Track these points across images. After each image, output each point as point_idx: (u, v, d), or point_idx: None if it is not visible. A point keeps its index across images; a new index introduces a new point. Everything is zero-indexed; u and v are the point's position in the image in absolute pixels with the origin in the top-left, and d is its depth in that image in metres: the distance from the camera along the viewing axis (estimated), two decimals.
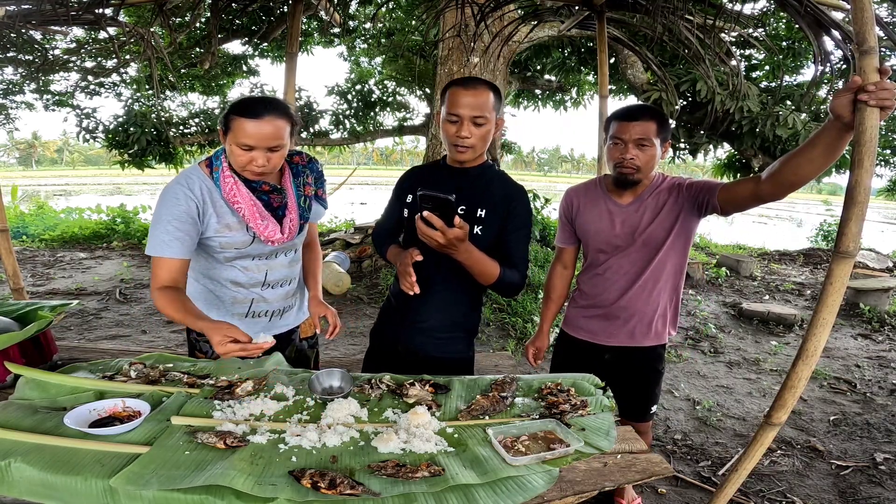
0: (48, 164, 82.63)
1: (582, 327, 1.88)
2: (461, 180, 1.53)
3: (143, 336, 4.19)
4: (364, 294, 5.54)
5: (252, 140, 1.32)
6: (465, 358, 1.65)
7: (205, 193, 1.40)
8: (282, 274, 1.62)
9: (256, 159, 1.36)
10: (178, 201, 1.37)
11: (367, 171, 73.00)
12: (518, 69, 7.99)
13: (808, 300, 6.00)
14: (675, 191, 1.69)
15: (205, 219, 1.41)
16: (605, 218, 1.75)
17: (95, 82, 8.14)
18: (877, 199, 21.07)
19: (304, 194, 1.58)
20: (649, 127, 1.59)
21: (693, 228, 1.73)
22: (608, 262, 1.77)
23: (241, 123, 1.32)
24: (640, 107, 1.66)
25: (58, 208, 10.01)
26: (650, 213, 1.69)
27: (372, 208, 15.95)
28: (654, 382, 1.88)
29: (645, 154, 1.62)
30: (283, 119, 1.36)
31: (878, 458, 2.68)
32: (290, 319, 1.71)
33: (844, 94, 1.14)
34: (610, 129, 1.67)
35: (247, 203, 1.43)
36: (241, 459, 1.03)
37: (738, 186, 1.53)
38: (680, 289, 1.81)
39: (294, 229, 1.55)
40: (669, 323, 1.82)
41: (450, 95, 1.43)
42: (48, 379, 1.32)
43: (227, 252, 1.49)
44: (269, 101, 1.36)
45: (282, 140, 1.36)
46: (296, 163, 1.60)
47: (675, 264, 1.74)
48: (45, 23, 2.57)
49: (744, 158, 5.88)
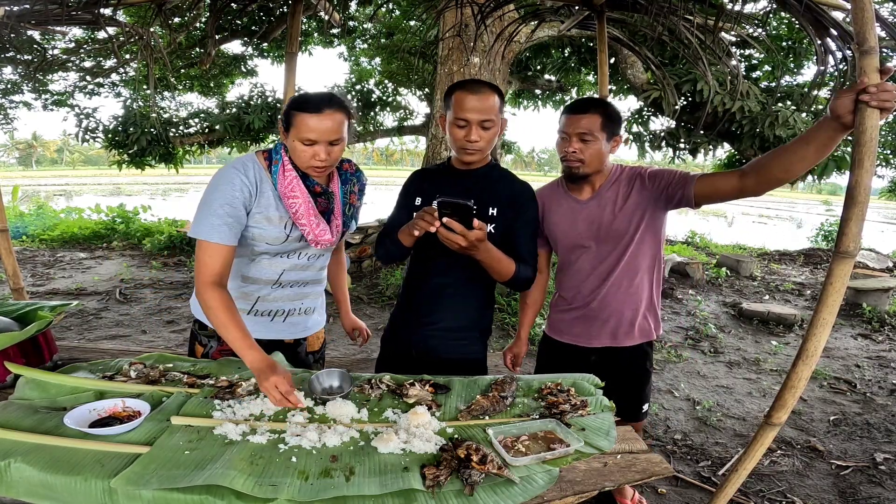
0: (48, 164, 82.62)
1: (564, 330, 1.87)
2: (469, 181, 1.56)
3: (143, 336, 4.19)
4: (364, 294, 5.54)
5: (314, 134, 1.34)
6: (479, 359, 1.66)
7: (257, 181, 1.40)
8: (296, 276, 1.58)
9: (319, 153, 1.37)
10: (233, 186, 1.35)
11: (367, 171, 72.71)
12: (518, 69, 7.99)
13: (808, 300, 6.00)
14: (637, 181, 1.66)
15: (252, 207, 1.40)
16: (568, 216, 1.75)
17: (94, 82, 8.15)
18: (877, 200, 21.13)
19: (349, 202, 1.59)
20: (593, 120, 1.58)
21: (662, 221, 1.71)
22: (577, 261, 1.77)
23: (303, 119, 1.33)
24: (587, 100, 1.65)
25: (58, 208, 10.01)
26: (611, 206, 1.68)
27: (372, 208, 15.94)
28: (644, 382, 1.86)
29: (589, 147, 1.61)
30: (342, 112, 1.37)
31: (878, 458, 2.68)
32: (297, 328, 1.65)
33: (847, 95, 1.14)
34: (559, 123, 1.68)
35: (304, 200, 1.43)
36: (241, 459, 1.03)
37: (718, 180, 1.50)
38: (658, 285, 1.79)
39: (337, 235, 1.55)
40: (653, 320, 1.81)
41: (456, 100, 1.44)
42: (48, 379, 1.32)
43: (256, 245, 1.46)
44: (327, 95, 1.37)
45: (341, 133, 1.38)
46: (345, 170, 1.61)
47: (649, 259, 1.73)
48: (43, 22, 2.56)
49: (744, 158, 5.87)
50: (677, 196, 1.58)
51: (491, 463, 1.05)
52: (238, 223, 1.37)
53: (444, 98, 1.51)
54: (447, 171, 1.62)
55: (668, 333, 4.70)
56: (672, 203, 1.62)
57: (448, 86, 1.54)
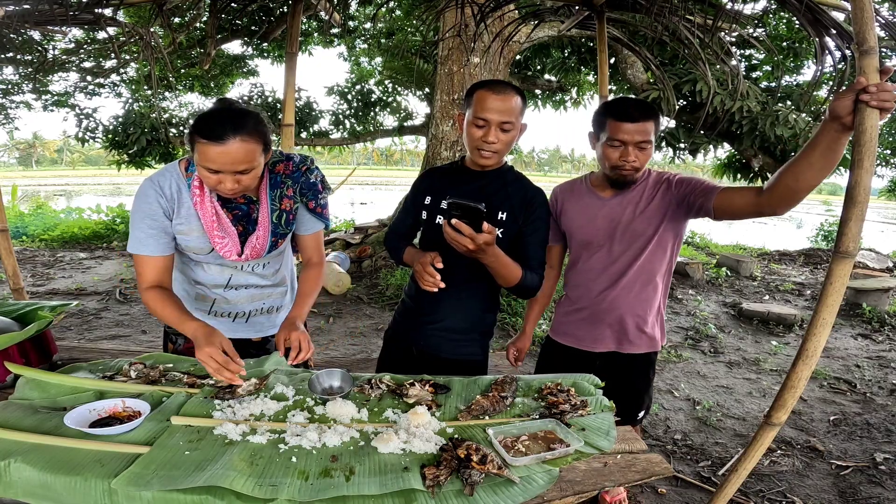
0: (48, 164, 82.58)
1: (567, 332, 1.84)
2: (481, 182, 1.53)
3: (143, 336, 4.19)
4: (364, 294, 5.53)
5: (216, 165, 1.22)
6: (479, 361, 1.66)
7: (174, 193, 1.38)
8: (246, 280, 1.56)
9: (225, 182, 1.26)
10: (147, 200, 1.36)
11: (367, 170, 73.00)
12: (518, 69, 7.99)
13: (808, 300, 6.00)
14: (664, 185, 1.63)
15: (173, 217, 1.39)
16: (587, 212, 1.72)
17: (95, 82, 8.15)
18: (877, 200, 21.07)
19: (279, 208, 1.45)
20: (649, 127, 1.54)
21: (682, 228, 1.68)
22: (590, 259, 1.73)
23: (205, 147, 1.21)
24: (636, 105, 1.56)
25: (58, 208, 10.01)
26: (633, 207, 1.64)
27: (373, 208, 15.95)
28: (644, 389, 1.84)
29: (644, 154, 1.57)
30: (253, 140, 1.24)
31: (878, 458, 2.68)
32: (263, 326, 1.63)
33: (847, 96, 1.13)
34: (606, 127, 1.57)
35: (208, 217, 1.38)
36: (241, 460, 1.03)
37: (737, 195, 1.46)
38: (666, 294, 1.76)
39: (261, 247, 1.46)
40: (659, 329, 1.77)
41: (477, 99, 1.41)
42: (48, 379, 1.32)
43: (188, 252, 1.47)
44: (235, 118, 1.22)
45: (252, 163, 1.26)
46: (277, 172, 1.46)
47: (664, 265, 1.69)
48: (43, 23, 2.56)
49: (744, 158, 5.88)
50: (697, 204, 1.54)
51: (491, 463, 1.05)
52: (164, 232, 1.38)
53: (466, 97, 1.48)
54: (459, 170, 1.59)
55: (669, 333, 4.70)
56: (692, 211, 1.57)
57: (472, 85, 1.51)
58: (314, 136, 8.86)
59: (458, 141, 5.84)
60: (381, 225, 7.25)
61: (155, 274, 1.37)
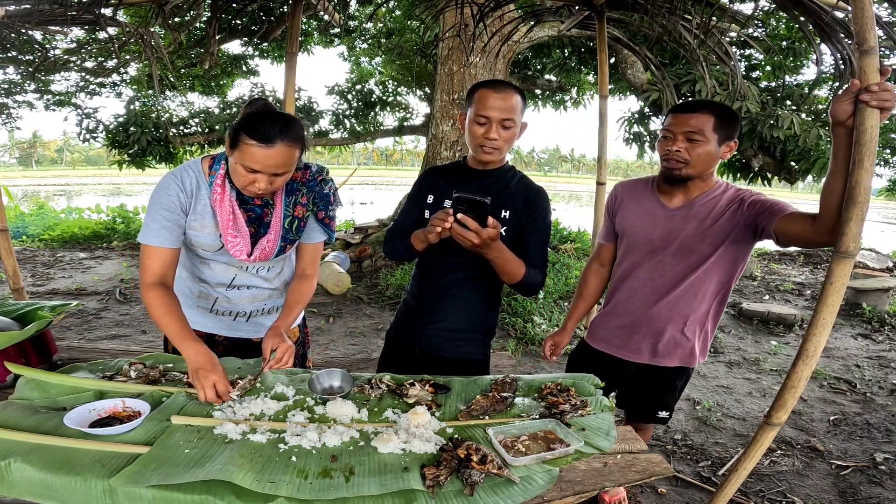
0: (48, 164, 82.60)
1: (603, 338, 1.79)
2: (484, 181, 1.54)
3: (143, 336, 4.19)
4: (364, 294, 5.53)
5: (259, 166, 1.27)
6: (480, 361, 1.66)
7: (193, 188, 1.41)
8: (249, 281, 1.58)
9: (259, 182, 1.30)
10: (168, 192, 1.38)
11: (368, 170, 72.95)
12: (518, 69, 7.99)
13: (808, 300, 6.00)
14: (735, 205, 1.53)
15: (188, 212, 1.42)
16: (646, 217, 1.65)
17: (96, 82, 8.15)
18: (877, 199, 21.06)
19: (292, 214, 1.48)
20: (704, 120, 1.46)
21: (747, 250, 1.57)
22: (640, 265, 1.67)
23: (251, 148, 1.25)
24: (700, 100, 1.53)
25: (58, 208, 10.01)
26: (697, 222, 1.56)
27: (373, 208, 15.95)
28: (671, 394, 1.80)
29: (696, 148, 1.48)
30: (296, 145, 1.30)
31: (878, 458, 2.68)
32: (263, 327, 1.63)
33: (844, 99, 1.14)
34: (664, 122, 1.56)
35: (225, 216, 1.41)
36: (241, 458, 1.03)
37: (795, 222, 1.37)
38: (718, 315, 1.68)
39: (270, 250, 1.48)
40: (700, 349, 1.70)
41: (478, 97, 1.43)
42: (48, 379, 1.32)
43: (197, 249, 1.49)
44: (283, 123, 1.27)
45: (290, 167, 1.32)
46: (294, 179, 1.48)
47: (718, 285, 1.61)
48: (44, 23, 2.57)
49: (744, 159, 5.87)
50: (761, 226, 1.46)
51: (491, 463, 1.05)
52: (178, 226, 1.39)
53: (467, 96, 1.50)
54: (462, 169, 1.60)
55: None
56: (759, 234, 1.49)
57: (473, 85, 1.51)
58: (314, 135, 8.87)
59: (458, 141, 5.84)
60: (381, 225, 7.25)
61: (160, 267, 1.38)
